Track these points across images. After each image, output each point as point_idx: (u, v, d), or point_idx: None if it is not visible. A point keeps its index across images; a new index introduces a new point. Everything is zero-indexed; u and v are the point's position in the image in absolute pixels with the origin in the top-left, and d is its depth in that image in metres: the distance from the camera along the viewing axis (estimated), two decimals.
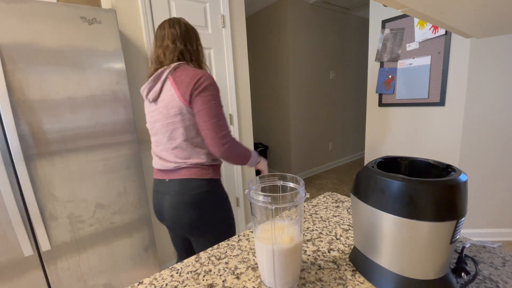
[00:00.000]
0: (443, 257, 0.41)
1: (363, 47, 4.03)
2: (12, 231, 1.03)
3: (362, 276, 0.49)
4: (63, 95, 1.10)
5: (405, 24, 1.92)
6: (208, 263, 0.56)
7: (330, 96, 3.75)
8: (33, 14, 1.01)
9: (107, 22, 1.17)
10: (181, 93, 0.83)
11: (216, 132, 0.85)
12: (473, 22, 0.49)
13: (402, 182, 0.40)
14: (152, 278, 0.52)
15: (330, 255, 0.56)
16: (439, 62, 1.79)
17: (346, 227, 0.67)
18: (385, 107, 2.17)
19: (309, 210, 0.78)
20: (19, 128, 1.02)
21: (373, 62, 2.19)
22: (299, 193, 0.44)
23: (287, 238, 0.45)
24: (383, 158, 0.52)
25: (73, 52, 1.11)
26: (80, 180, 1.17)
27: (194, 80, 0.83)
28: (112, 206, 1.27)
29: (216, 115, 0.85)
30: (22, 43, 1.00)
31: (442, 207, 0.38)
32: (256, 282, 0.49)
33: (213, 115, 0.85)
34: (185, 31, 0.92)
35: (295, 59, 3.22)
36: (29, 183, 1.03)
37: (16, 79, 1.00)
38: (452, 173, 0.42)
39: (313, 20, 3.32)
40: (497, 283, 0.45)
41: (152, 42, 1.53)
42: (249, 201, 0.48)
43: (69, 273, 1.19)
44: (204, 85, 0.84)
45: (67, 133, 1.12)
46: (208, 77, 0.86)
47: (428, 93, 1.87)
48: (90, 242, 1.23)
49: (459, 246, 0.53)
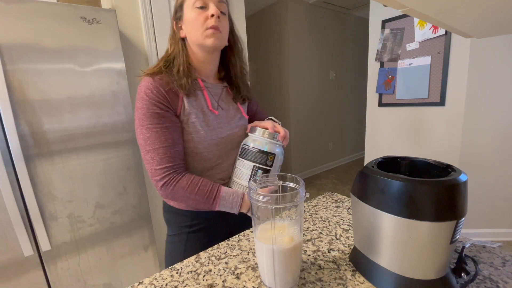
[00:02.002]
0: (443, 257, 0.41)
1: (363, 47, 4.03)
2: (12, 231, 1.03)
3: (362, 276, 0.49)
4: (63, 95, 1.10)
5: (405, 24, 1.92)
6: (208, 263, 0.56)
7: (330, 96, 3.75)
8: (33, 14, 1.01)
9: (107, 22, 1.17)
10: None
11: (147, 171, 0.65)
12: (473, 22, 0.49)
13: (402, 182, 0.40)
14: (152, 278, 0.52)
15: (330, 255, 0.56)
16: (439, 62, 1.79)
17: (346, 227, 0.67)
18: (385, 107, 2.17)
19: (309, 210, 0.78)
20: (19, 128, 1.02)
21: (373, 62, 2.19)
22: (299, 193, 0.44)
23: (287, 238, 0.45)
24: (383, 158, 0.52)
25: (73, 52, 1.10)
26: (80, 180, 1.17)
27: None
28: (112, 206, 1.27)
29: (140, 146, 0.65)
30: (22, 43, 1.00)
31: (442, 207, 0.38)
32: (256, 282, 0.49)
33: (140, 147, 0.66)
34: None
35: (295, 59, 3.22)
36: (29, 183, 1.03)
37: (16, 79, 1.00)
38: (452, 173, 0.42)
39: (313, 20, 3.32)
40: (497, 283, 0.45)
41: (152, 42, 1.53)
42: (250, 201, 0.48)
43: (69, 273, 1.19)
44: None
45: (67, 133, 1.12)
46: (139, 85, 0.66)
47: (428, 93, 1.87)
48: (90, 242, 1.22)
49: (459, 246, 0.53)
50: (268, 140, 0.69)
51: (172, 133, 0.65)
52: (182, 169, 0.67)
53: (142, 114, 0.63)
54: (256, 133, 0.71)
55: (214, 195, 0.67)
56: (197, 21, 0.65)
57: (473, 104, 1.73)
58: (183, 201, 0.67)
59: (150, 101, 0.63)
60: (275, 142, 0.70)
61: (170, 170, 0.64)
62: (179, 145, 0.67)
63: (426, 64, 1.84)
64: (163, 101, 0.64)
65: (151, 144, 0.63)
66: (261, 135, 0.70)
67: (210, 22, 0.65)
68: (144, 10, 1.48)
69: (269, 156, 0.68)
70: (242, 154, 0.71)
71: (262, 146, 0.69)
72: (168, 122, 0.65)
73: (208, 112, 0.70)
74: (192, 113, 0.68)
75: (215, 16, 0.65)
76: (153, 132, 0.63)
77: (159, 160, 0.63)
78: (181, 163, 0.67)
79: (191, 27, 0.67)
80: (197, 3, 0.65)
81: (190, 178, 0.66)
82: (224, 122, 0.74)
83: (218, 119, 0.72)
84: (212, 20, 0.65)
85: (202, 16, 0.65)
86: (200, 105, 0.70)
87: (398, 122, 2.11)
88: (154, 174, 0.64)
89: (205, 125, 0.69)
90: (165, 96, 0.64)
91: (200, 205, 0.67)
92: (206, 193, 0.66)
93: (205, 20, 0.65)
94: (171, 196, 0.66)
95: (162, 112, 0.64)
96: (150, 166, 0.64)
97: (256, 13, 3.49)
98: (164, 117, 0.64)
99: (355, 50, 3.98)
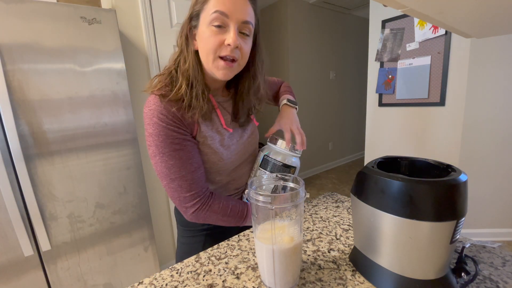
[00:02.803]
0: (443, 257, 0.41)
1: (363, 47, 4.03)
2: (12, 231, 1.03)
3: (362, 276, 0.49)
4: (63, 95, 1.10)
5: (405, 24, 1.92)
6: (208, 263, 0.56)
7: (330, 96, 3.75)
8: (33, 14, 1.01)
9: (107, 22, 1.17)
10: None
11: (172, 198, 0.62)
12: (473, 22, 0.49)
13: (402, 182, 0.40)
14: (152, 278, 0.52)
15: (330, 255, 0.56)
16: (439, 62, 1.79)
17: (346, 227, 0.67)
18: (385, 107, 2.17)
19: (309, 210, 0.78)
20: (19, 128, 1.02)
21: (373, 62, 2.18)
22: (299, 193, 0.44)
23: (287, 238, 0.45)
24: (383, 158, 0.52)
25: (73, 52, 1.11)
26: (80, 180, 1.17)
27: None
28: (112, 206, 1.27)
29: (162, 174, 0.60)
30: (22, 43, 1.00)
31: (442, 207, 0.38)
32: (256, 282, 0.49)
33: (160, 175, 0.60)
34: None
35: (295, 59, 3.22)
36: (29, 183, 1.03)
37: (16, 79, 1.00)
38: (452, 173, 0.42)
39: (313, 20, 3.32)
40: (497, 283, 0.45)
41: (152, 42, 1.53)
42: (249, 201, 0.48)
43: (69, 273, 1.19)
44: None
45: (67, 133, 1.12)
46: (146, 107, 0.59)
47: (428, 93, 1.87)
48: (90, 242, 1.23)
49: (459, 246, 0.53)
50: (290, 153, 0.69)
51: (195, 156, 0.62)
52: (209, 191, 0.65)
53: (160, 141, 0.57)
54: (278, 145, 0.70)
55: (245, 214, 0.67)
56: (210, 44, 0.55)
57: (473, 104, 1.73)
58: (213, 222, 0.66)
59: (166, 127, 0.57)
60: (296, 154, 0.70)
61: (201, 195, 0.62)
62: (202, 168, 0.64)
63: (426, 64, 1.84)
64: (179, 125, 0.59)
65: (177, 172, 0.59)
66: (283, 148, 0.69)
67: (225, 50, 0.55)
68: (144, 10, 1.48)
69: (291, 170, 0.69)
70: (263, 165, 0.71)
71: (285, 159, 0.69)
72: (189, 146, 0.60)
73: (223, 131, 0.67)
74: (208, 136, 0.63)
75: (232, 47, 0.54)
76: (176, 160, 0.58)
77: (187, 187, 0.60)
78: (206, 185, 0.65)
79: (203, 46, 0.57)
80: (214, 21, 0.53)
81: (220, 201, 0.64)
82: (237, 136, 0.71)
83: (232, 135, 0.69)
84: (228, 49, 0.55)
85: (217, 39, 0.54)
86: (215, 126, 0.65)
87: (398, 122, 2.11)
88: (184, 201, 0.61)
89: (220, 146, 0.66)
90: (180, 120, 0.59)
91: (231, 224, 0.67)
92: (238, 213, 0.66)
93: (219, 44, 0.55)
94: (202, 220, 0.64)
95: (183, 137, 0.59)
96: (178, 194, 0.60)
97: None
98: (185, 141, 0.60)
99: (355, 50, 3.98)
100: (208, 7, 0.54)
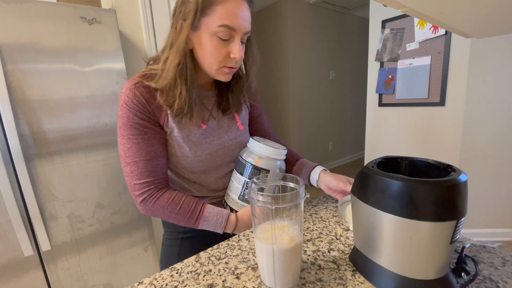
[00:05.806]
0: (443, 257, 0.41)
1: (363, 47, 4.03)
2: (12, 231, 1.03)
3: (362, 276, 0.49)
4: (63, 95, 1.10)
5: (405, 24, 1.92)
6: (208, 263, 0.56)
7: (330, 96, 3.75)
8: (33, 14, 1.01)
9: (107, 22, 1.17)
10: None
11: (127, 183, 0.61)
12: (473, 22, 0.49)
13: (402, 182, 0.40)
14: (152, 278, 0.52)
15: (330, 255, 0.56)
16: (439, 62, 1.79)
17: (346, 227, 0.67)
18: (385, 107, 2.17)
19: (309, 210, 0.78)
20: (19, 128, 1.02)
21: (373, 62, 2.19)
22: (299, 193, 0.44)
23: (287, 238, 0.45)
24: (383, 158, 0.52)
25: (73, 52, 1.11)
26: (80, 180, 1.17)
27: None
28: (112, 206, 1.27)
29: (120, 157, 0.60)
30: (22, 43, 1.00)
31: (442, 207, 0.38)
32: (256, 282, 0.49)
33: (120, 154, 0.60)
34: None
35: (295, 59, 3.22)
36: (29, 183, 1.03)
37: (16, 79, 1.00)
38: (452, 173, 0.42)
39: (313, 20, 3.32)
40: (497, 283, 0.45)
41: (152, 42, 1.53)
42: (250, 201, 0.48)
43: (69, 273, 1.19)
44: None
45: (67, 133, 1.12)
46: (121, 90, 0.60)
47: (428, 93, 1.87)
48: (90, 242, 1.23)
49: (459, 246, 0.53)
50: (264, 155, 0.63)
51: (155, 145, 0.60)
52: (163, 184, 0.62)
53: (123, 123, 0.58)
54: (253, 145, 0.65)
55: (197, 215, 0.62)
56: (215, 56, 0.56)
57: (473, 104, 1.73)
58: (164, 218, 0.62)
59: (130, 110, 0.57)
60: (273, 157, 0.63)
61: (151, 185, 0.60)
62: (161, 158, 0.61)
63: (426, 64, 1.84)
64: (144, 111, 0.58)
65: (131, 157, 0.58)
66: (258, 149, 0.63)
67: (231, 62, 0.57)
68: (144, 10, 1.48)
69: (261, 172, 0.63)
70: (236, 167, 0.67)
71: (256, 161, 0.63)
72: (150, 133, 0.59)
73: (194, 126, 0.64)
74: (175, 127, 0.61)
75: (237, 60, 0.57)
76: (133, 144, 0.58)
77: (138, 174, 0.59)
78: (163, 178, 0.62)
79: (205, 55, 0.57)
80: (221, 33, 0.53)
81: (171, 195, 0.61)
82: (214, 136, 0.67)
83: (206, 132, 0.65)
84: (233, 62, 0.57)
85: (223, 52, 0.55)
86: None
87: (398, 122, 2.11)
88: (133, 188, 0.59)
89: (188, 141, 0.63)
90: (146, 106, 0.58)
91: (182, 224, 0.62)
92: (188, 212, 0.61)
93: (225, 57, 0.56)
94: (150, 213, 0.61)
95: (143, 123, 0.58)
96: (129, 180, 0.59)
97: (256, 13, 3.49)
98: (146, 128, 0.59)
99: (355, 50, 3.98)
100: (214, 16, 0.52)
